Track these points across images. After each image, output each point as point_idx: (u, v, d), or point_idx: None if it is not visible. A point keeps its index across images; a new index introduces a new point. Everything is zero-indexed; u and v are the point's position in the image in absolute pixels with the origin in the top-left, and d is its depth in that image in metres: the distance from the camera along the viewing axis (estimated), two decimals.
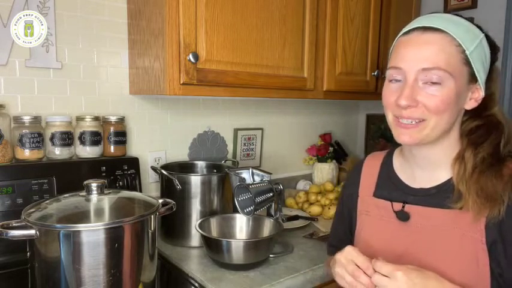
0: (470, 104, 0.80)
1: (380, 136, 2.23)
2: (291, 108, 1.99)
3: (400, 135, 0.80)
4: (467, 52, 0.75)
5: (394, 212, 0.86)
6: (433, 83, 0.75)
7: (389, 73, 0.81)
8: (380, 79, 1.78)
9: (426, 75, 0.75)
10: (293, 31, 1.43)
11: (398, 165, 0.92)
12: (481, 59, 0.78)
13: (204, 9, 1.18)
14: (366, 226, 0.94)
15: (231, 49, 1.26)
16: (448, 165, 0.82)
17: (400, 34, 0.82)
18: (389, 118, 0.82)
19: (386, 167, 0.94)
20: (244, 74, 1.30)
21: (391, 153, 0.96)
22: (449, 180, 0.82)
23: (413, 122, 0.77)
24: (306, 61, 1.48)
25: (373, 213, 0.92)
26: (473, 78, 0.78)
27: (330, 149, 2.01)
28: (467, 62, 0.76)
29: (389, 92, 0.81)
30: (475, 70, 0.77)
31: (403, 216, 0.84)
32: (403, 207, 0.85)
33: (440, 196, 0.81)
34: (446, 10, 1.88)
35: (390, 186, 0.90)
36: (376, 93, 1.80)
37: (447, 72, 0.74)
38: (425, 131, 0.77)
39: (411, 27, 0.79)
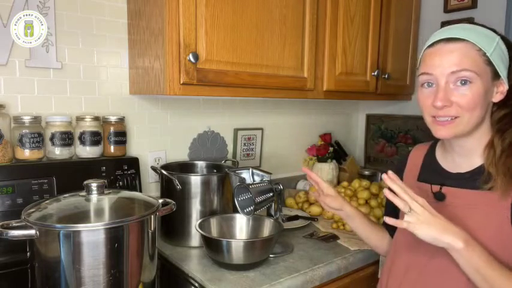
0: (497, 97, 0.91)
1: (380, 136, 2.23)
2: (291, 108, 1.99)
3: (437, 131, 0.91)
4: (488, 54, 0.86)
5: (433, 192, 0.97)
6: (463, 84, 0.86)
7: (421, 79, 0.92)
8: (380, 79, 1.79)
9: (456, 76, 0.86)
10: (293, 31, 1.43)
11: (440, 154, 1.04)
12: (501, 57, 0.88)
13: (204, 9, 1.18)
14: None
15: (231, 49, 1.26)
16: (480, 152, 0.93)
17: (425, 47, 0.93)
18: (427, 118, 0.93)
19: (430, 156, 1.06)
20: (244, 74, 1.30)
21: (434, 144, 1.09)
22: (482, 166, 0.92)
23: (449, 119, 0.88)
24: (306, 61, 1.48)
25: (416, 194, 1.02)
26: (496, 75, 0.88)
27: (330, 149, 2.01)
28: (489, 63, 0.86)
29: (424, 96, 0.92)
30: (497, 68, 0.87)
31: (439, 196, 0.96)
32: (441, 189, 0.97)
33: (473, 179, 0.92)
34: (446, 10, 1.88)
35: (432, 172, 1.03)
36: (376, 93, 1.80)
37: (473, 72, 0.85)
38: (460, 126, 0.88)
39: (435, 40, 0.90)
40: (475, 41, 0.86)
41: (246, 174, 1.33)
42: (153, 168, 1.39)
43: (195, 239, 1.30)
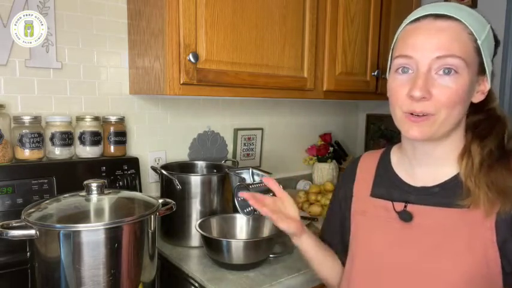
0: (478, 97, 0.76)
1: (380, 136, 2.23)
2: (291, 108, 1.99)
3: (409, 130, 0.74)
4: (479, 41, 0.71)
5: (396, 212, 0.81)
6: (447, 73, 0.70)
7: (396, 62, 0.75)
8: (380, 79, 1.79)
9: (441, 63, 0.70)
10: (293, 31, 1.43)
11: (397, 162, 0.87)
12: (489, 49, 0.75)
13: (204, 9, 1.18)
14: (363, 227, 0.88)
15: (231, 49, 1.26)
16: (452, 161, 0.78)
17: (406, 22, 0.76)
18: (397, 113, 0.76)
19: (384, 165, 0.89)
20: (244, 74, 1.30)
21: (388, 150, 0.91)
22: (455, 178, 0.77)
23: (424, 115, 0.72)
24: (306, 61, 1.48)
25: (371, 214, 0.86)
26: (481, 70, 0.74)
27: (330, 149, 2.01)
28: (478, 52, 0.72)
29: (398, 85, 0.75)
30: (484, 61, 0.73)
31: (406, 217, 0.79)
32: (405, 207, 0.80)
33: (444, 194, 0.77)
34: None
35: (389, 185, 0.85)
36: (376, 93, 1.80)
37: (463, 60, 0.70)
38: (434, 126, 0.72)
39: (420, 15, 0.74)
40: (468, 23, 0.71)
41: (246, 174, 1.33)
42: (153, 168, 1.39)
43: (195, 239, 1.30)
